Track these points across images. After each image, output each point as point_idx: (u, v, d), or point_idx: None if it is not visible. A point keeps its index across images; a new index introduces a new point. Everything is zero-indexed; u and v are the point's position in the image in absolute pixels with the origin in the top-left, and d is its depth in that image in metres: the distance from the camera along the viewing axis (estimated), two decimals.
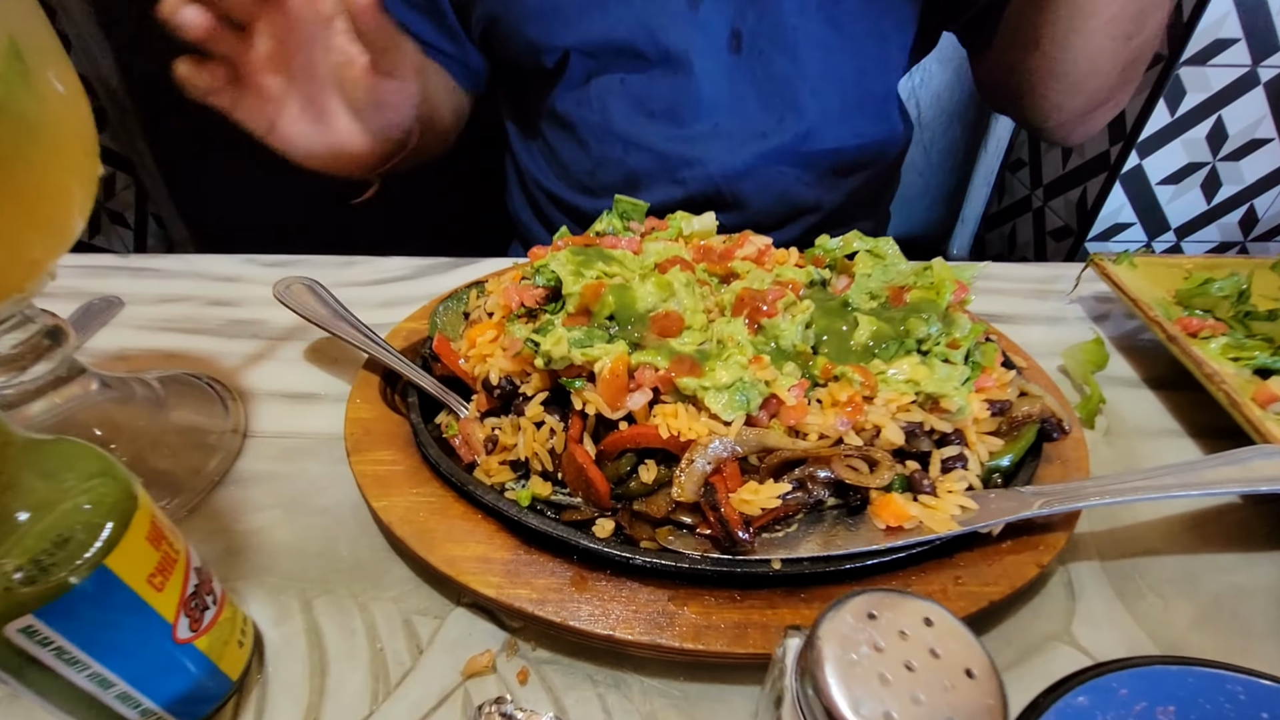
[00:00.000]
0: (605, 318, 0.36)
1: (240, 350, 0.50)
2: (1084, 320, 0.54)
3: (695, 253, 0.44)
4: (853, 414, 0.33)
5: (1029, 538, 0.34)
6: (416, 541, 0.33)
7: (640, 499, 0.33)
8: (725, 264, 0.42)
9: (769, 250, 0.44)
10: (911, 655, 0.18)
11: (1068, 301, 0.55)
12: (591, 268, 0.38)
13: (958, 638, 0.18)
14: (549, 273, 0.38)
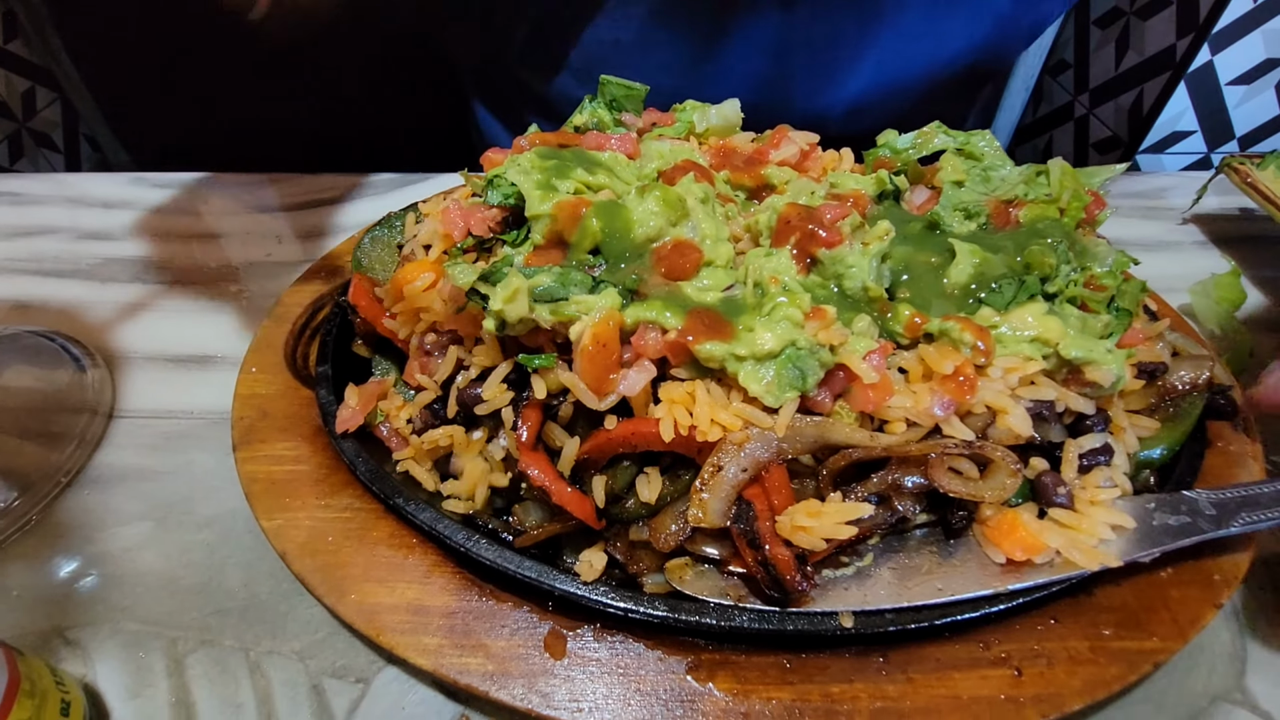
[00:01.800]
0: (587, 252, 0.25)
1: (115, 298, 0.38)
2: (1204, 245, 0.42)
3: (714, 156, 0.31)
4: (959, 392, 0.22)
5: (1195, 563, 0.24)
6: (322, 582, 0.23)
7: (641, 522, 0.23)
8: (756, 171, 0.30)
9: (815, 151, 0.32)
10: None
11: (1182, 220, 0.44)
12: (568, 177, 0.26)
13: None
14: (507, 185, 0.27)
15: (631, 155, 0.30)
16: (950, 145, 0.31)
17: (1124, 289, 0.28)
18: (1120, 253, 0.27)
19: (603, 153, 0.29)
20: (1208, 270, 0.38)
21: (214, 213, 0.45)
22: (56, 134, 1.31)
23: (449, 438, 0.25)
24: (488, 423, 0.25)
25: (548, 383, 0.23)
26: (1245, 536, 0.24)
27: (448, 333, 0.26)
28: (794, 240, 0.26)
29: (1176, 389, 0.26)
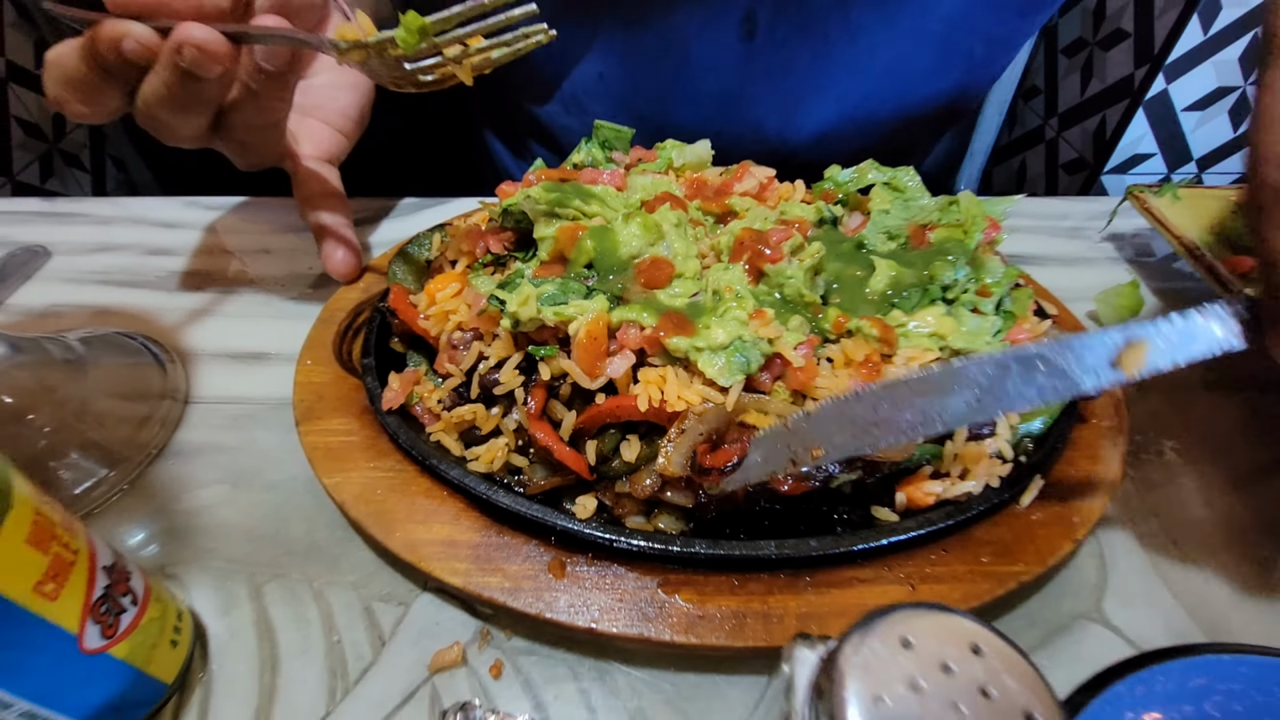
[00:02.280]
0: (583, 266, 0.32)
1: (182, 305, 0.45)
2: (1116, 261, 0.49)
3: (688, 188, 0.38)
4: (869, 375, 0.29)
5: (1061, 506, 0.30)
6: (374, 523, 0.29)
7: (624, 477, 0.29)
8: (722, 200, 0.37)
9: (772, 184, 0.39)
10: (957, 695, 0.14)
11: (1099, 239, 0.50)
12: (568, 207, 0.33)
13: (1014, 670, 0.15)
14: (518, 212, 0.33)
15: (620, 188, 0.37)
16: (880, 180, 0.37)
17: (1015, 295, 0.34)
18: (1010, 267, 0.34)
19: (596, 185, 0.36)
20: (1115, 282, 0.44)
21: (261, 231, 0.52)
22: (84, 155, 1.37)
23: (473, 414, 0.31)
24: (503, 401, 0.31)
25: (551, 368, 0.29)
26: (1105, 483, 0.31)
27: (471, 330, 0.32)
28: (746, 257, 0.32)
29: None
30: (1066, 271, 0.48)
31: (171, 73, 0.31)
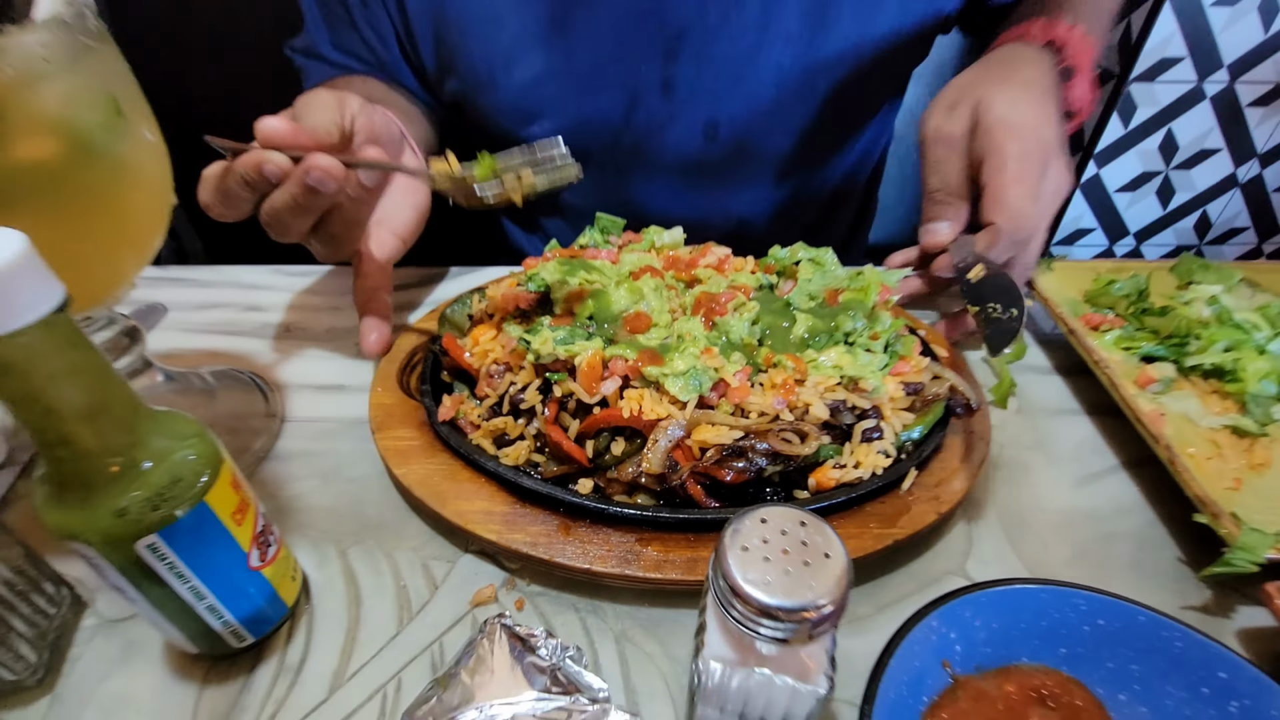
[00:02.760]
0: (586, 318, 0.44)
1: (274, 348, 0.58)
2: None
3: (665, 261, 0.51)
4: (786, 394, 0.40)
5: (931, 491, 0.41)
6: (432, 499, 0.41)
7: (614, 467, 0.41)
8: (690, 271, 0.50)
9: (728, 259, 0.52)
10: (788, 544, 0.26)
11: None
12: (575, 275, 0.46)
13: (821, 533, 0.26)
14: (540, 280, 0.46)
15: (614, 261, 0.50)
16: (807, 256, 0.50)
17: (903, 340, 0.46)
18: (897, 319, 0.46)
19: (597, 260, 0.49)
20: None
21: (332, 292, 0.65)
22: None
23: (504, 424, 0.43)
24: (526, 414, 0.43)
25: (561, 389, 0.41)
26: (970, 476, 0.42)
27: (504, 364, 0.44)
28: (702, 312, 0.45)
29: (929, 397, 0.44)
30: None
31: (299, 188, 0.43)
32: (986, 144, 0.48)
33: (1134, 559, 0.41)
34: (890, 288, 0.47)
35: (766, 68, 0.64)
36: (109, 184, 0.34)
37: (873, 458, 0.41)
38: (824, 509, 0.39)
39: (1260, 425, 0.45)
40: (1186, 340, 0.50)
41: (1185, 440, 0.44)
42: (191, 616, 0.32)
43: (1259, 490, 0.41)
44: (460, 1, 0.63)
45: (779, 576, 0.25)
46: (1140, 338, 0.51)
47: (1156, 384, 0.48)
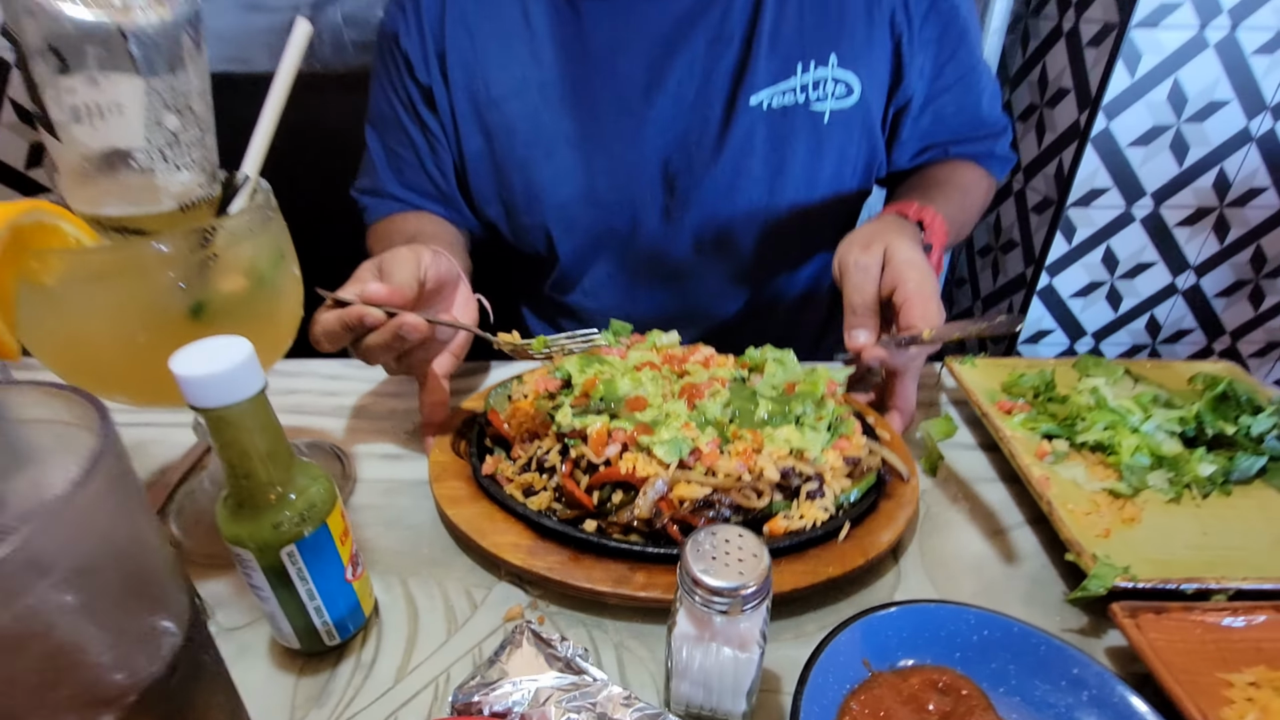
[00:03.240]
0: (598, 399, 0.58)
1: (346, 426, 0.72)
2: (946, 405, 0.74)
3: (663, 357, 0.65)
4: (746, 460, 0.53)
5: (863, 540, 0.52)
6: (474, 534, 0.53)
7: (614, 512, 0.53)
8: (681, 366, 0.64)
9: (712, 356, 0.65)
10: (729, 549, 0.38)
11: (935, 388, 0.76)
12: (591, 367, 0.60)
13: (752, 542, 0.38)
14: (564, 370, 0.60)
15: (623, 357, 0.64)
16: (774, 357, 0.64)
17: (848, 422, 0.59)
18: (839, 407, 0.59)
19: (609, 356, 0.63)
20: (937, 415, 0.69)
21: (392, 380, 0.79)
22: None
23: (531, 478, 0.56)
24: (548, 471, 0.56)
25: (576, 451, 0.54)
26: (895, 532, 0.53)
27: (533, 432, 0.58)
28: (686, 396, 0.58)
29: (864, 468, 0.56)
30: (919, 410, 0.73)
31: (391, 335, 0.53)
32: (898, 276, 0.61)
33: (1028, 592, 0.52)
34: (835, 382, 0.61)
35: (740, 202, 0.82)
36: (272, 304, 0.49)
37: (814, 512, 0.53)
38: (774, 550, 0.51)
39: (1132, 489, 0.57)
40: (1076, 421, 0.62)
41: (1071, 500, 0.56)
42: (303, 614, 0.44)
43: (1125, 539, 0.53)
44: (509, 147, 0.82)
45: (722, 569, 0.37)
46: (1041, 419, 0.64)
47: (1050, 456, 0.60)
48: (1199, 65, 1.11)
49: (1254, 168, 1.21)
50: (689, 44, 0.75)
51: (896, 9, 0.75)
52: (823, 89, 0.76)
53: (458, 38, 0.78)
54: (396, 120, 0.85)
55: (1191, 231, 1.28)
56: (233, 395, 0.37)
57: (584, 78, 0.77)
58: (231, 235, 0.44)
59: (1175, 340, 1.41)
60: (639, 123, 0.78)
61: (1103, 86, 1.13)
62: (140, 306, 0.42)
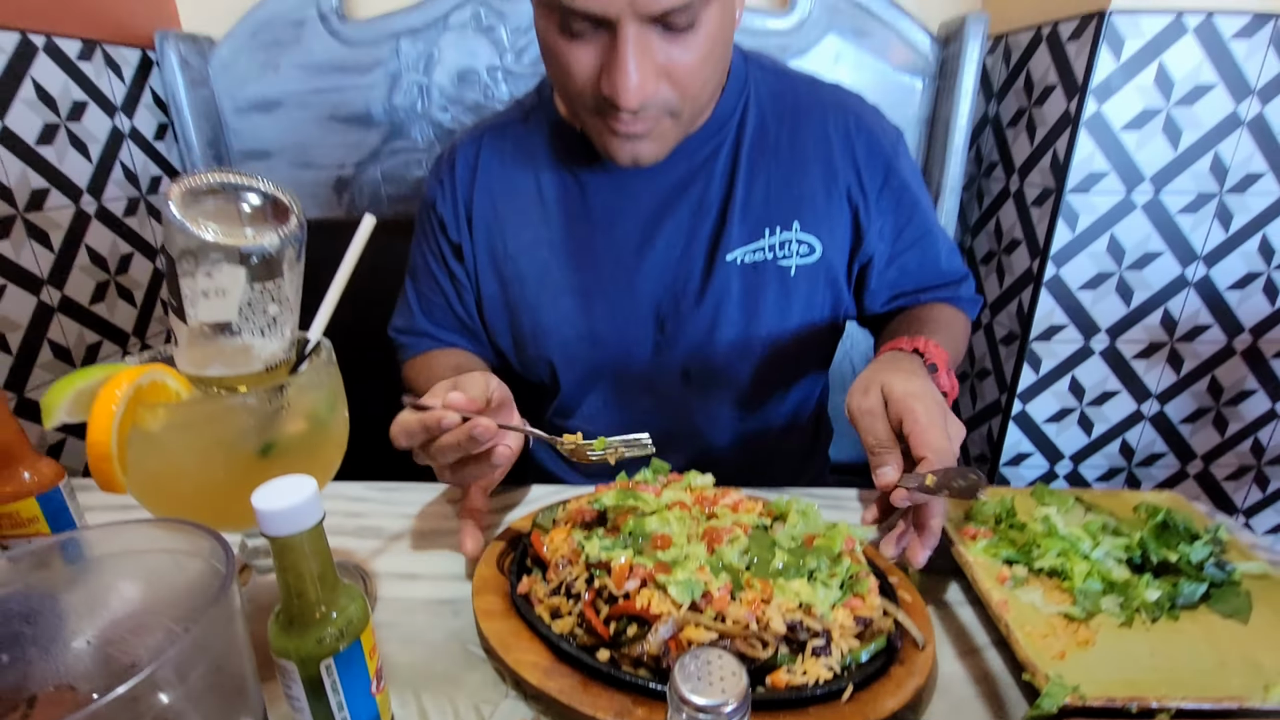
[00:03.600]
0: (627, 533, 0.64)
1: (368, 546, 0.78)
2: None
3: (694, 498, 0.71)
4: (754, 609, 0.56)
5: (868, 707, 0.55)
6: (500, 648, 0.57)
7: (627, 645, 0.58)
8: (712, 507, 0.70)
9: (742, 501, 0.70)
10: (712, 670, 0.44)
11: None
12: (626, 502, 0.67)
13: (733, 664, 0.44)
14: (601, 503, 0.68)
15: (658, 494, 0.70)
16: (798, 508, 0.70)
17: (864, 581, 0.64)
18: (854, 563, 0.64)
19: (645, 493, 0.69)
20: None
21: (413, 504, 0.86)
22: None
23: (559, 602, 0.60)
24: (574, 597, 0.60)
25: (600, 582, 0.59)
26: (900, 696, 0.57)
27: (568, 558, 0.63)
28: (707, 540, 0.64)
29: (876, 630, 0.60)
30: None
31: (465, 435, 0.59)
32: (901, 409, 0.67)
33: (992, 709, 0.56)
34: (853, 539, 0.66)
35: (720, 341, 0.93)
36: (324, 442, 0.58)
37: (818, 669, 0.55)
38: (775, 703, 0.53)
39: (1086, 613, 0.62)
40: (1033, 548, 0.69)
41: (1029, 623, 0.61)
42: None
43: (1079, 660, 0.58)
44: (521, 293, 0.95)
45: (706, 688, 0.42)
46: (1002, 546, 0.70)
47: (1010, 580, 0.66)
48: (1131, 222, 1.26)
49: (1195, 308, 1.33)
50: (675, 212, 0.90)
51: (851, 186, 0.90)
52: (788, 248, 0.90)
53: (483, 204, 0.93)
54: (429, 271, 0.99)
55: (1148, 364, 1.38)
56: (298, 525, 0.45)
57: (586, 237, 0.91)
58: (300, 389, 0.54)
59: (1150, 464, 1.48)
60: (633, 275, 0.91)
61: (1048, 240, 1.28)
62: (224, 448, 0.50)
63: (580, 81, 0.69)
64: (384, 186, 1.58)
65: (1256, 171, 1.25)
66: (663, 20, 0.63)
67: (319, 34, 1.47)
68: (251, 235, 0.46)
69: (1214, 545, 0.67)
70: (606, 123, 0.72)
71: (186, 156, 1.50)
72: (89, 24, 1.31)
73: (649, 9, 0.61)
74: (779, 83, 0.88)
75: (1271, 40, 1.17)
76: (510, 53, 1.47)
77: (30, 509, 0.65)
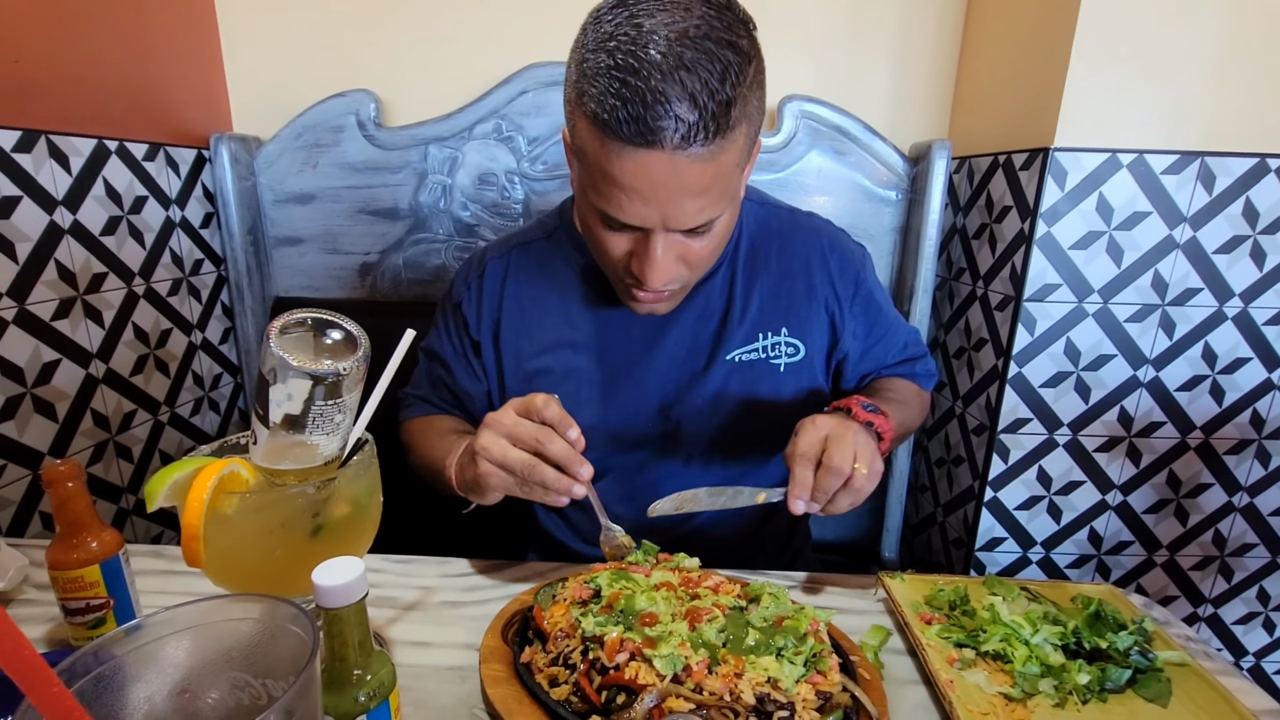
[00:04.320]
0: (619, 610, 0.73)
1: (384, 615, 0.86)
2: (880, 613, 0.89)
3: (680, 579, 0.80)
4: (728, 683, 0.65)
5: None
6: (504, 712, 0.65)
7: (616, 712, 0.66)
8: (694, 589, 0.79)
9: (722, 584, 0.80)
10: None
11: (875, 600, 0.91)
12: (619, 582, 0.76)
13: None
14: (596, 583, 0.77)
15: (648, 575, 0.79)
16: (770, 591, 0.79)
17: (826, 659, 0.72)
18: (818, 643, 0.73)
19: (636, 574, 0.78)
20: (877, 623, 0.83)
21: (423, 576, 0.95)
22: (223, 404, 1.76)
23: (557, 671, 0.68)
24: (570, 667, 0.69)
25: (593, 654, 0.68)
26: None
27: (566, 632, 0.72)
28: (689, 618, 0.73)
29: (835, 704, 0.69)
30: (861, 619, 0.87)
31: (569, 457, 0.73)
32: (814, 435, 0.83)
33: None
34: (819, 621, 0.75)
35: (719, 427, 1.05)
36: (364, 521, 0.68)
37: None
38: None
39: (1024, 693, 0.70)
40: (979, 633, 0.77)
41: (973, 701, 0.69)
42: None
43: None
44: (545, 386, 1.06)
45: None
46: (954, 630, 0.79)
47: (958, 662, 0.74)
48: (1084, 328, 1.39)
49: (1149, 406, 1.44)
50: (682, 317, 1.04)
51: (828, 297, 1.05)
52: (778, 350, 1.03)
53: (511, 311, 1.07)
54: (442, 355, 1.14)
55: (1109, 456, 1.48)
56: (348, 599, 0.54)
57: (605, 339, 1.05)
58: (348, 479, 0.64)
59: (1118, 552, 1.55)
60: (644, 371, 1.04)
61: (1010, 341, 1.40)
62: (284, 528, 0.60)
63: (612, 259, 0.84)
64: (405, 272, 1.73)
65: (1194, 286, 1.39)
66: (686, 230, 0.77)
67: (356, 138, 1.64)
68: (328, 362, 0.57)
69: (1139, 635, 0.76)
70: (630, 289, 0.87)
71: (228, 242, 1.64)
72: (155, 128, 1.48)
73: (677, 227, 0.76)
74: (764, 211, 1.04)
75: (1198, 175, 1.34)
76: (526, 160, 1.64)
77: (93, 574, 0.74)
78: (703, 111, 0.65)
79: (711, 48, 0.64)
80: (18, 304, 1.18)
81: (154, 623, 0.46)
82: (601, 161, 0.71)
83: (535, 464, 0.72)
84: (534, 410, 0.73)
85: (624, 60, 0.63)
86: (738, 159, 0.73)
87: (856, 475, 0.75)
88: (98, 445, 1.35)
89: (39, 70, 1.20)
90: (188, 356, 1.53)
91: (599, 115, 0.67)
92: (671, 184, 0.69)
